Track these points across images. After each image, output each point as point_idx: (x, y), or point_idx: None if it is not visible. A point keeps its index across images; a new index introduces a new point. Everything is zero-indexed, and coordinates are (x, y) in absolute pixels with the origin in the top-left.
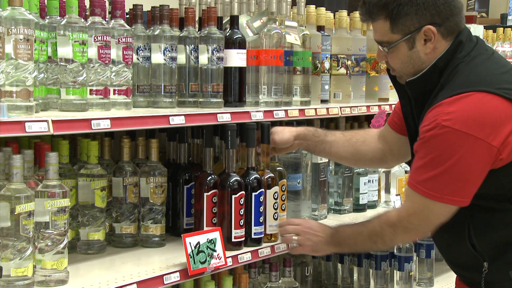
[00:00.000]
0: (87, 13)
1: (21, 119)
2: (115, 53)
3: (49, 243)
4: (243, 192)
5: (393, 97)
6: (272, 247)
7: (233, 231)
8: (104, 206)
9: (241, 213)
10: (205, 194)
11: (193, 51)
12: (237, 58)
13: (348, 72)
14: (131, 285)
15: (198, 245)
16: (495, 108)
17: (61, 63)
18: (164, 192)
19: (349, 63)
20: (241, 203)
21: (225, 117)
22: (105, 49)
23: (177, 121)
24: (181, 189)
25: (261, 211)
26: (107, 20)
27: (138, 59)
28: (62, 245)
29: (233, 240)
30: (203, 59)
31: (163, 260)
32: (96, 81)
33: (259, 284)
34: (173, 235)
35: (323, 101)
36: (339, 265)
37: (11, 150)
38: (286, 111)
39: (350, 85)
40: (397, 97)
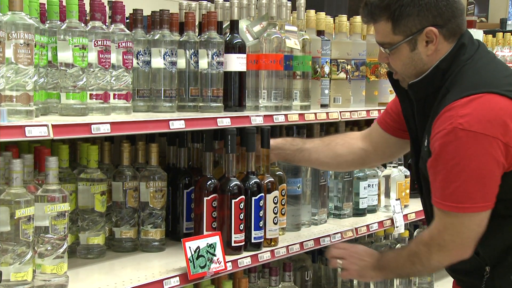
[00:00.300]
0: (87, 18)
1: (21, 124)
2: (115, 57)
3: (49, 248)
4: (243, 196)
5: None
6: (272, 251)
7: (233, 236)
8: (104, 210)
9: (241, 218)
10: (205, 198)
11: (193, 56)
12: (237, 62)
13: (348, 76)
14: None
15: (198, 250)
16: (505, 109)
17: (61, 68)
18: (164, 196)
19: (349, 67)
20: (241, 207)
21: (225, 121)
22: (105, 53)
23: (177, 126)
24: (181, 194)
25: (261, 215)
26: (107, 24)
27: (138, 63)
28: (61, 250)
29: (233, 244)
30: (203, 63)
31: (163, 264)
32: (96, 85)
33: None
34: (173, 240)
35: (323, 106)
36: (339, 270)
37: (11, 154)
38: (286, 115)
39: (350, 90)
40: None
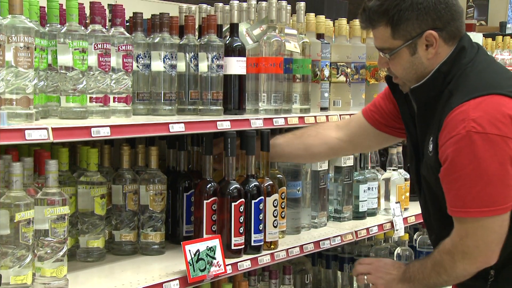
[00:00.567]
0: (87, 21)
1: (21, 127)
2: (115, 60)
3: (49, 251)
4: (243, 199)
5: None
6: (271, 254)
7: (233, 239)
8: (103, 213)
9: (241, 221)
10: (205, 201)
11: (193, 59)
12: (236, 65)
13: (347, 79)
14: None
15: (197, 253)
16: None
17: (61, 71)
18: (163, 199)
19: (349, 70)
20: (241, 210)
21: (224, 124)
22: (105, 57)
23: (177, 129)
24: (181, 197)
25: (261, 218)
26: (107, 28)
27: (138, 66)
28: (61, 253)
29: (233, 247)
30: (203, 66)
31: (163, 267)
32: (96, 88)
33: None
34: (173, 243)
35: (323, 109)
36: (339, 273)
37: (11, 157)
38: (285, 118)
39: (349, 93)
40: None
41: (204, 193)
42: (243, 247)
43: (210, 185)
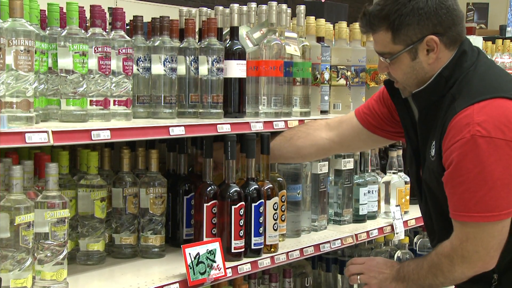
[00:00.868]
0: (87, 24)
1: (21, 130)
2: (115, 64)
3: (49, 254)
4: (243, 202)
5: None
6: (272, 258)
7: (233, 242)
8: (103, 216)
9: (241, 224)
10: (205, 204)
11: (193, 62)
12: (237, 69)
13: (347, 83)
14: None
15: (197, 256)
16: None
17: (62, 74)
18: (163, 202)
19: (349, 74)
20: (241, 213)
21: (225, 127)
22: (105, 60)
23: (177, 132)
24: (181, 200)
25: (261, 221)
26: (107, 31)
27: (138, 70)
28: (61, 256)
29: (233, 251)
30: (203, 70)
31: (163, 271)
32: (96, 92)
33: None
34: (173, 246)
35: (323, 112)
36: (339, 276)
37: (11, 161)
38: (286, 121)
39: (349, 96)
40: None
41: (204, 196)
42: (243, 250)
43: (210, 188)
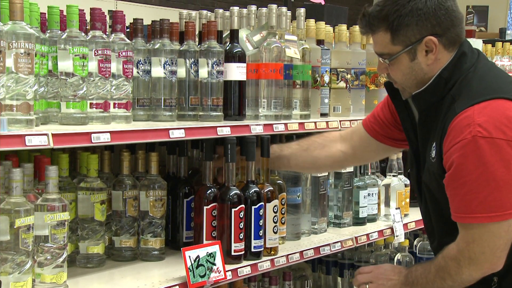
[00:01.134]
0: (87, 27)
1: (21, 133)
2: (115, 67)
3: (49, 257)
4: (243, 205)
5: None
6: (271, 260)
7: (233, 245)
8: (103, 219)
9: (241, 227)
10: (205, 207)
11: (193, 65)
12: (237, 71)
13: (347, 85)
14: None
15: (197, 259)
16: None
17: (62, 77)
18: (163, 205)
19: (349, 76)
20: (241, 216)
21: (225, 130)
22: (105, 63)
23: (177, 135)
24: (181, 203)
25: (261, 224)
26: (107, 34)
27: (138, 72)
28: (61, 259)
29: (233, 253)
30: (203, 72)
31: (163, 273)
32: (96, 94)
33: None
34: (173, 249)
35: (323, 115)
36: (339, 279)
37: (11, 163)
38: (285, 124)
39: (349, 99)
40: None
41: (204, 199)
42: (243, 253)
43: (210, 191)
